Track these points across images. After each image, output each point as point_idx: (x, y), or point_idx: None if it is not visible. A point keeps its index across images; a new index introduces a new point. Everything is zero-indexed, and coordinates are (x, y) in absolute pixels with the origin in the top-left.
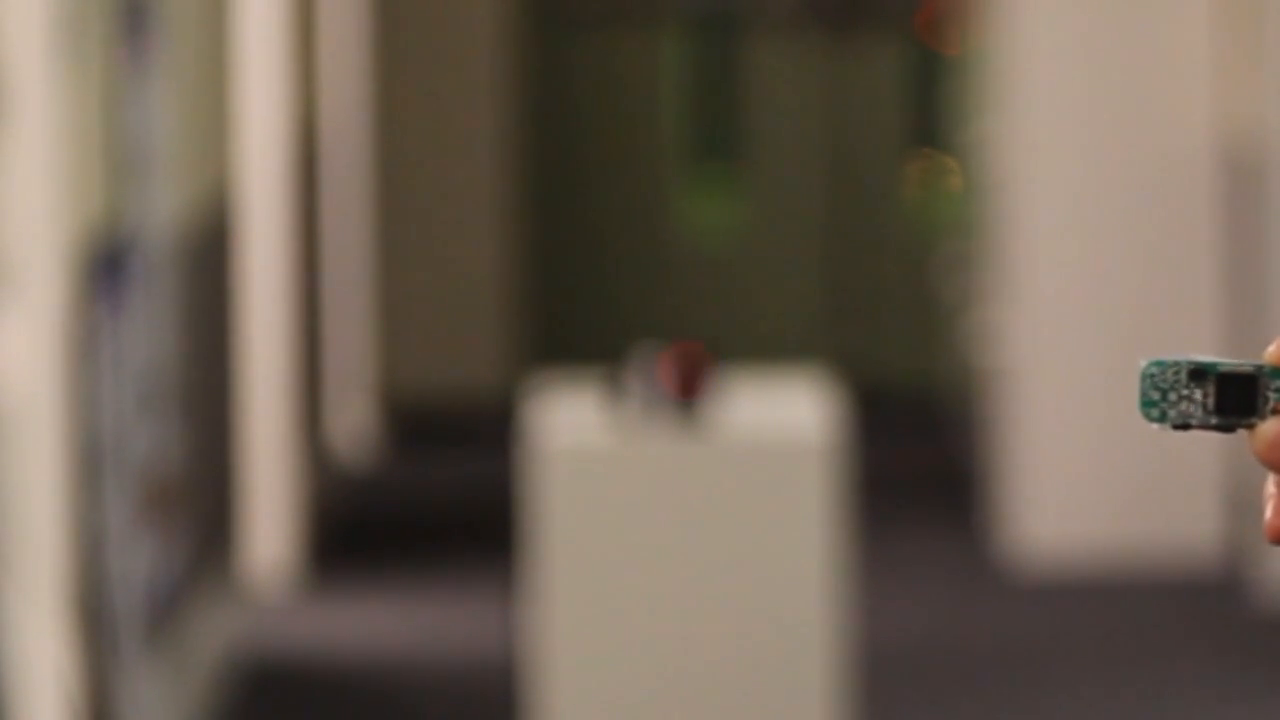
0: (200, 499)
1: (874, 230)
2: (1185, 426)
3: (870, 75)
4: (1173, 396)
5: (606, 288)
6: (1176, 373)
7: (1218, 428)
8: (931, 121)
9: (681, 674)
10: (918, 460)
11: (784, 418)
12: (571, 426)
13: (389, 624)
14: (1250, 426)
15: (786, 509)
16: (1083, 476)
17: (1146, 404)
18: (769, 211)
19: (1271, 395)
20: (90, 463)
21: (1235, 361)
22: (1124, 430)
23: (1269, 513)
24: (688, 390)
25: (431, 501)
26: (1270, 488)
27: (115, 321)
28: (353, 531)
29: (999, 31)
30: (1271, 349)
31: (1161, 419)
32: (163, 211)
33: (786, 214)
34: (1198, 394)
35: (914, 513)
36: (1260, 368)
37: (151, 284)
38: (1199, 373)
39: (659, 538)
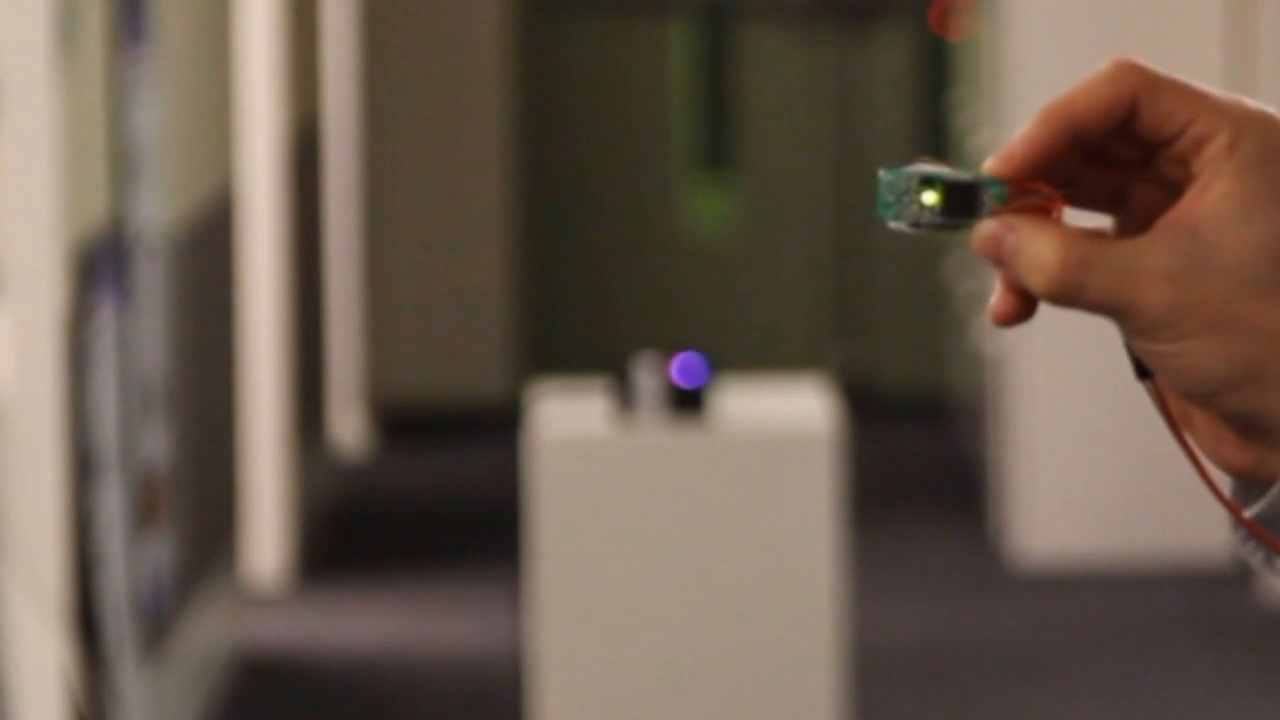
0: (198, 499)
1: (881, 229)
2: (917, 225)
3: (880, 68)
4: (906, 200)
5: (607, 289)
6: (909, 180)
7: (943, 227)
8: (942, 117)
9: (683, 669)
10: (921, 457)
11: (787, 410)
12: (573, 419)
13: (388, 624)
14: (970, 227)
15: (790, 501)
16: (1087, 472)
17: (883, 206)
18: (772, 208)
19: (988, 200)
20: (88, 463)
21: (958, 171)
22: (1130, 426)
23: (993, 299)
24: (691, 382)
25: (430, 501)
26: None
27: (113, 322)
28: (351, 532)
29: (1005, 29)
30: (988, 162)
31: (896, 219)
32: (161, 211)
33: (791, 211)
34: (927, 199)
35: (917, 509)
36: (979, 177)
37: (149, 284)
38: (928, 181)
39: (661, 531)
